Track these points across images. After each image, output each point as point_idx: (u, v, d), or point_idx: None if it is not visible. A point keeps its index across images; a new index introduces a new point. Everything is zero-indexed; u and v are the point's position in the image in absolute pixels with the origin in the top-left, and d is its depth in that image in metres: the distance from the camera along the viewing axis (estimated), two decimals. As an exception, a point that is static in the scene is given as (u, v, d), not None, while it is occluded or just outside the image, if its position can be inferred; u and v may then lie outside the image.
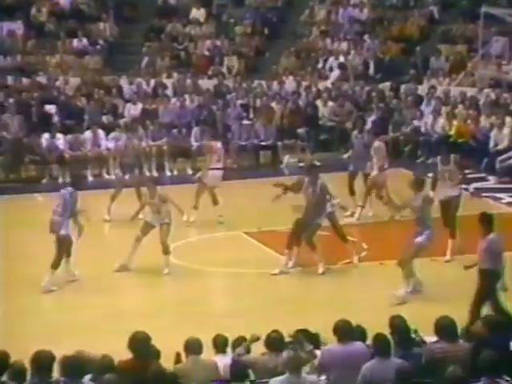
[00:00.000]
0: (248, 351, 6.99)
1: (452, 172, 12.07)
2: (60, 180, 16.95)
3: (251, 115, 19.97)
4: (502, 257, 9.26)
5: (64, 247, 10.97)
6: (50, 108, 19.55)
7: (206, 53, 23.18)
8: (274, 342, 6.83)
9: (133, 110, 19.98)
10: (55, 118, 19.21)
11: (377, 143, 13.89)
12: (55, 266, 10.92)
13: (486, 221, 9.20)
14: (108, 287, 11.00)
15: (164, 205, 11.52)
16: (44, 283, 10.90)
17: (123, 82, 21.46)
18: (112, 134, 18.21)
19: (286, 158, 18.59)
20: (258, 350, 7.16)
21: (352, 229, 13.32)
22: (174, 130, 19.02)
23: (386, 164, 13.91)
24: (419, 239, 10.54)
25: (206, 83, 21.55)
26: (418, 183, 10.84)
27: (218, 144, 13.99)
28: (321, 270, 11.49)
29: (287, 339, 6.97)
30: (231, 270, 11.65)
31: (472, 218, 11.88)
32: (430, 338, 6.98)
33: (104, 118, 19.37)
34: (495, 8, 17.15)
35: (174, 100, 20.37)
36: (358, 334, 7.10)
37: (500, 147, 17.29)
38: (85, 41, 22.87)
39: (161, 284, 11.28)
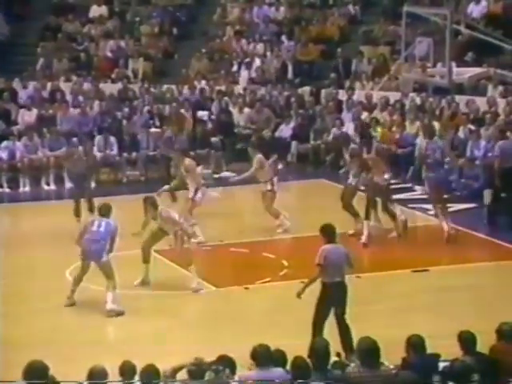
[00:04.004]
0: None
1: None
2: None
3: (160, 123, 19.92)
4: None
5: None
6: None
7: (109, 54, 23.02)
8: (196, 371, 6.94)
9: (27, 116, 19.67)
10: None
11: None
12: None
13: (327, 232, 9.46)
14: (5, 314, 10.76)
15: None
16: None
17: (16, 85, 21.09)
18: (4, 143, 17.92)
19: (199, 169, 18.58)
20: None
21: (270, 244, 13.45)
22: (74, 139, 18.76)
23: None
24: None
25: (109, 87, 21.40)
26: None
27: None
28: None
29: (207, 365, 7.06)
30: (142, 292, 11.59)
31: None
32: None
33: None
34: (418, 7, 17.60)
35: (73, 106, 20.14)
36: (278, 358, 7.18)
37: (426, 155, 17.72)
38: (-28, 40, 22.45)
39: (65, 308, 11.10)
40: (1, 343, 9.77)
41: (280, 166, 19.12)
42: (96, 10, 24.11)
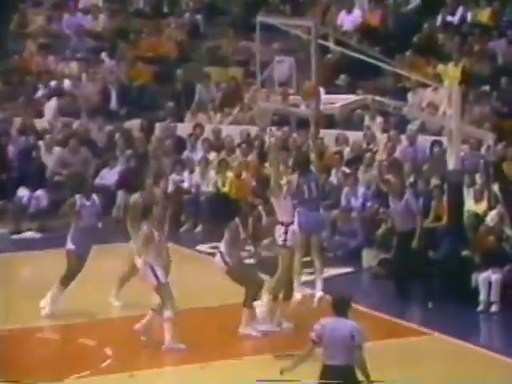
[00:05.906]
0: None
1: None
2: None
3: None
4: None
5: None
6: None
7: None
8: None
9: None
10: None
11: None
12: None
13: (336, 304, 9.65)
14: None
15: None
16: None
17: None
18: None
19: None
20: None
21: (88, 328, 13.29)
22: None
23: None
24: None
25: None
26: None
27: None
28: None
29: None
30: None
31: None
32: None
33: None
34: (275, 17, 17.78)
35: None
36: None
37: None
38: None
39: None
40: None
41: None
42: None
